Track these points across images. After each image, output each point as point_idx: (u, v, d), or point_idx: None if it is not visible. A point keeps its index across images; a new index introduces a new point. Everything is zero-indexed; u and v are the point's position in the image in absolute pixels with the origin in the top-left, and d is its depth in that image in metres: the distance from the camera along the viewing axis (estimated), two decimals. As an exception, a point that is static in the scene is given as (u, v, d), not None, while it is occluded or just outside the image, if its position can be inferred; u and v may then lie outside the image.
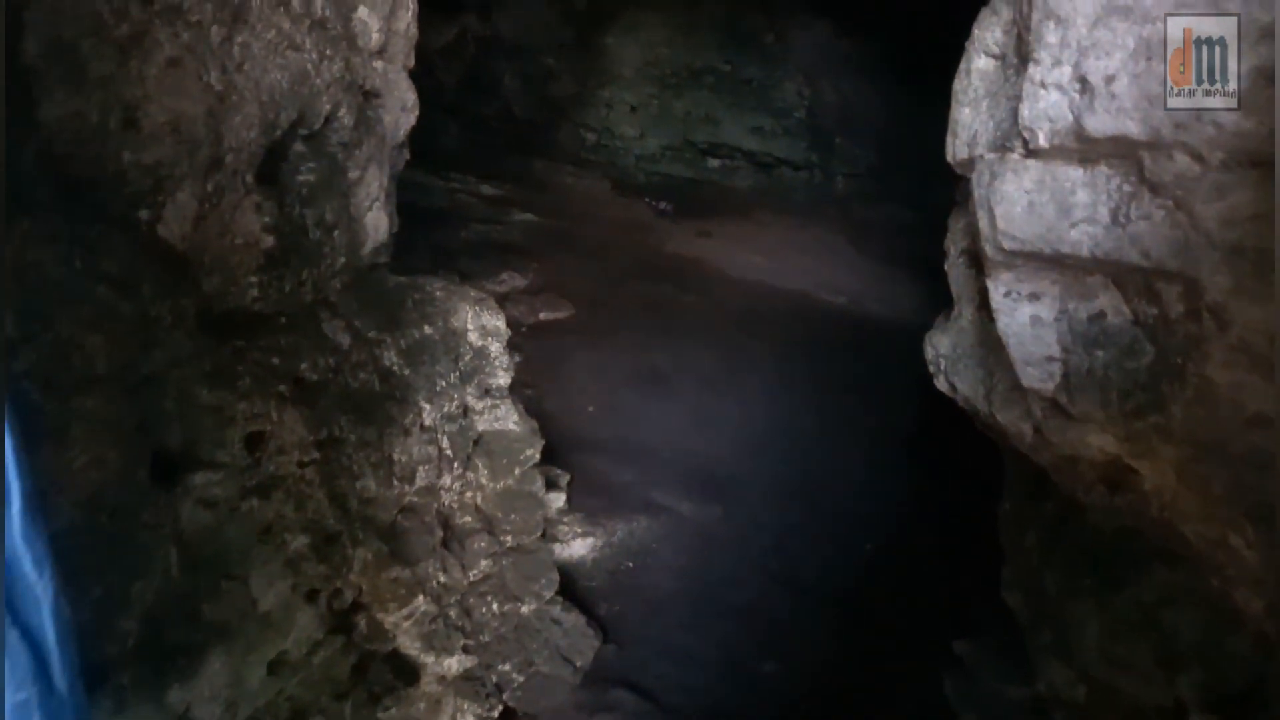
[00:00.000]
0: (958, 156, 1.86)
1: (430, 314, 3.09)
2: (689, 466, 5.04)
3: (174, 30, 1.68)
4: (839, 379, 6.23)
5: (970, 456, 3.51)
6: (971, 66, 1.81)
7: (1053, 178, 1.57)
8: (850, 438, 5.43)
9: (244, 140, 1.96)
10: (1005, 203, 1.65)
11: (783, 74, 9.87)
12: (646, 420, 5.52)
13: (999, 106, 1.71)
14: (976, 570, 3.62)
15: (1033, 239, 1.63)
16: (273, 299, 2.25)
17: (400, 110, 3.18)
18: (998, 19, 1.74)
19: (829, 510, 4.73)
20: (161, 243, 1.81)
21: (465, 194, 9.21)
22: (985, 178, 1.72)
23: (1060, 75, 1.48)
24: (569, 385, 5.76)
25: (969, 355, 2.52)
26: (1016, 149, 1.63)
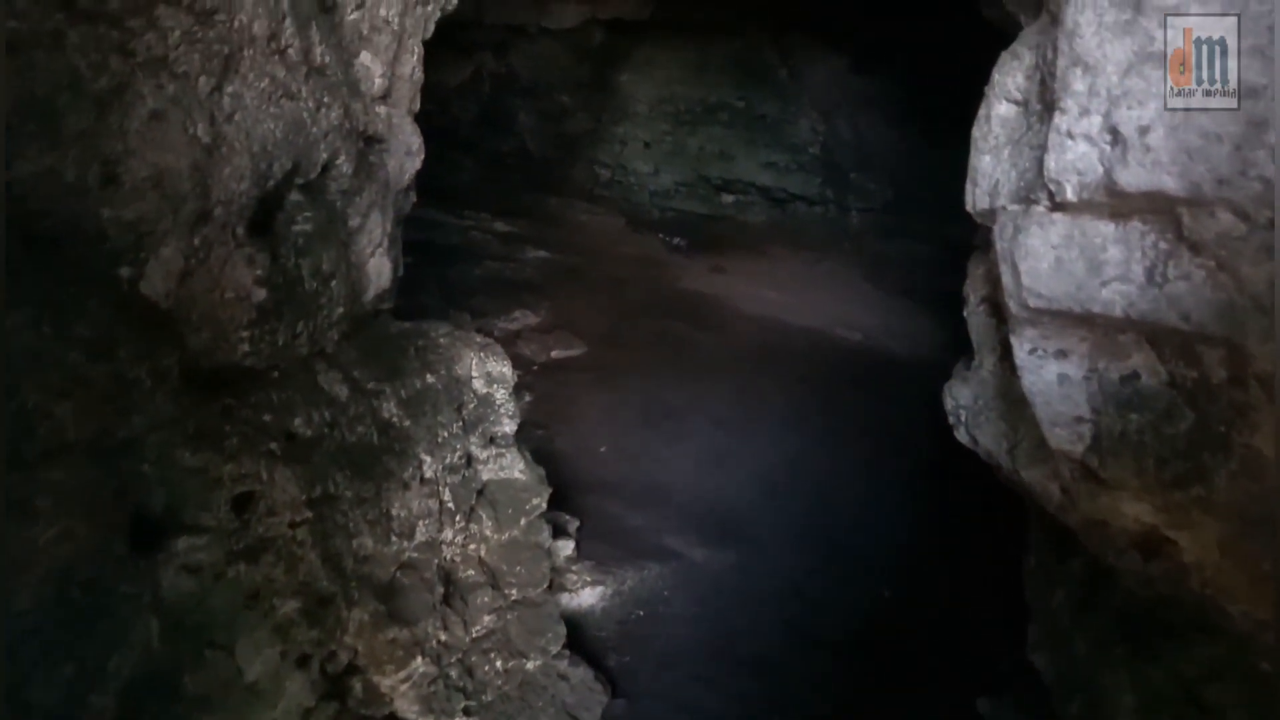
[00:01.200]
0: (978, 206, 1.77)
1: (433, 362, 3.01)
2: (702, 509, 4.91)
3: (158, 82, 1.61)
4: (855, 418, 6.10)
5: (993, 500, 3.39)
6: (992, 113, 1.71)
7: (1081, 233, 1.47)
8: (867, 479, 5.29)
9: (234, 192, 1.90)
10: (1030, 258, 1.55)
11: (797, 110, 9.84)
12: (659, 461, 5.41)
13: (1022, 155, 1.62)
14: (1000, 622, 3.47)
15: (1061, 297, 1.53)
16: (265, 354, 2.17)
17: (405, 155, 3.13)
18: (1019, 64, 1.65)
19: (846, 555, 4.58)
20: (143, 301, 1.73)
21: (479, 231, 9.21)
22: (1008, 230, 1.62)
23: (1089, 125, 1.38)
24: (580, 424, 5.66)
25: (990, 408, 2.41)
26: (1042, 201, 1.53)
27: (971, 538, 4.45)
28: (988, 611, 3.90)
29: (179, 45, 1.66)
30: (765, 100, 9.91)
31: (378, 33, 2.75)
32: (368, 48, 2.71)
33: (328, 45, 2.38)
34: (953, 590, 4.24)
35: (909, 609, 4.20)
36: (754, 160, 10.05)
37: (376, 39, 2.75)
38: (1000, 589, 3.53)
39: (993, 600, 3.77)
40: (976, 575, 4.19)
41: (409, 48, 2.97)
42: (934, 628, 4.03)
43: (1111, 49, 1.34)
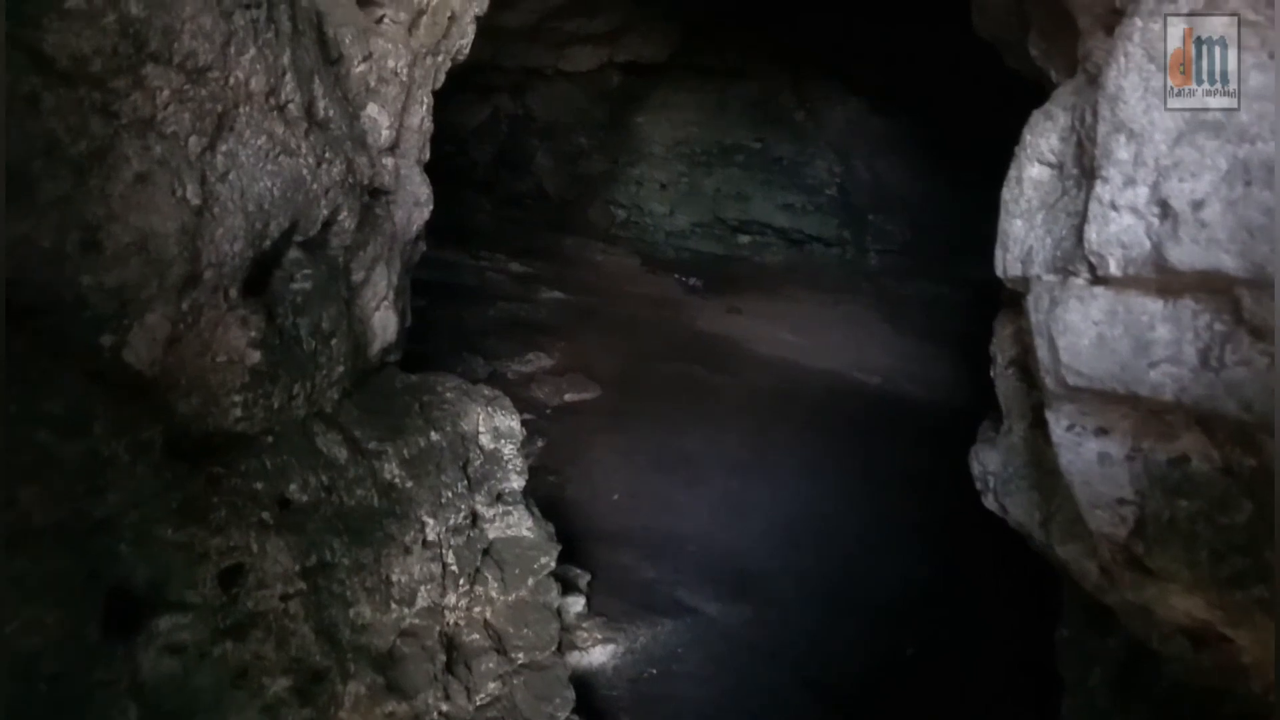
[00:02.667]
0: (1009, 273, 1.66)
1: (438, 418, 2.91)
2: (717, 560, 4.77)
3: (144, 144, 1.54)
4: (874, 466, 5.95)
5: (1021, 556, 3.25)
6: (1024, 174, 1.61)
7: (1126, 309, 1.35)
8: (887, 530, 5.13)
9: (226, 254, 1.82)
10: (1070, 334, 1.43)
11: (814, 151, 9.80)
12: (673, 509, 5.27)
13: (1057, 222, 1.51)
14: (1028, 689, 3.31)
15: (1104, 377, 1.41)
16: (259, 418, 2.07)
17: (413, 205, 3.06)
18: (1053, 125, 1.55)
19: (866, 609, 4.41)
20: (126, 370, 1.65)
21: (494, 272, 9.18)
22: (1044, 302, 1.51)
23: (1135, 197, 1.27)
24: (593, 471, 5.55)
25: (1021, 476, 2.28)
26: (1081, 274, 1.43)
27: (998, 596, 4.28)
28: (1015, 676, 3.73)
29: (168, 105, 1.59)
30: (782, 142, 9.88)
31: (385, 84, 2.70)
32: (375, 100, 2.66)
33: (331, 99, 2.32)
34: (978, 650, 4.08)
35: (932, 669, 4.03)
36: (771, 201, 10.01)
37: (384, 90, 2.69)
38: (1029, 652, 3.37)
39: (1021, 665, 3.61)
40: (1004, 636, 4.03)
41: (418, 98, 2.91)
42: (959, 691, 3.87)
43: (1160, 116, 1.24)
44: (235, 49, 1.77)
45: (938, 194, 9.11)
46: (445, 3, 2.99)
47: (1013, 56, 2.96)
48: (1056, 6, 1.63)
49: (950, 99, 8.28)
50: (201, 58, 1.66)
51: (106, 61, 1.42)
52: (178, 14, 1.58)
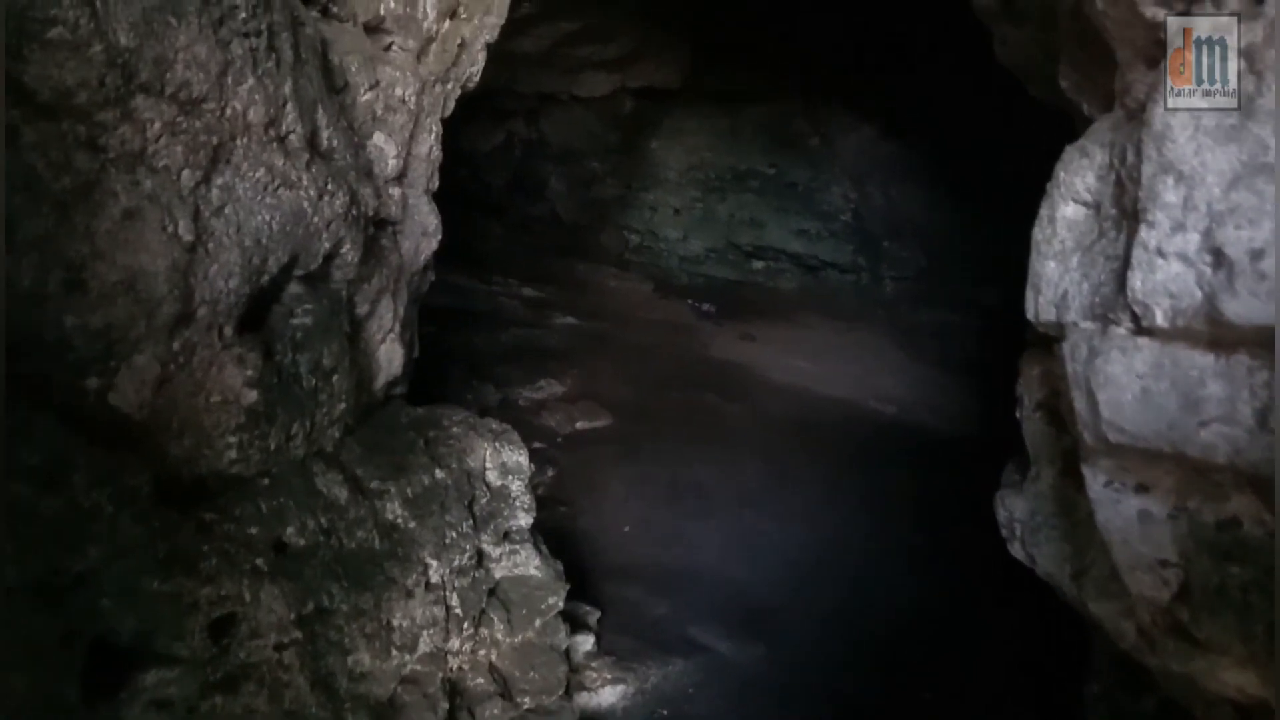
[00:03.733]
0: (1042, 318, 1.56)
1: (443, 455, 2.82)
2: (729, 596, 4.64)
3: (133, 178, 1.47)
4: (891, 497, 5.82)
5: (1047, 598, 3.13)
6: (1057, 214, 1.52)
7: (1174, 363, 1.26)
8: (904, 565, 5.00)
9: (221, 291, 1.74)
10: (1111, 387, 1.34)
11: (828, 177, 9.72)
12: (685, 542, 5.15)
13: (1095, 266, 1.42)
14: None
15: (1148, 435, 1.31)
16: (255, 460, 1.99)
17: (421, 235, 3.00)
18: (1089, 162, 1.46)
19: (883, 649, 4.28)
20: (113, 414, 1.57)
21: (506, 297, 9.13)
22: (1082, 352, 1.41)
23: (1185, 244, 1.18)
24: (604, 501, 5.44)
25: (1051, 525, 2.17)
26: (1123, 323, 1.33)
27: (1022, 638, 4.15)
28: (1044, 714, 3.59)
29: (160, 138, 1.52)
30: (796, 167, 9.81)
31: (393, 113, 2.64)
32: (382, 128, 2.59)
33: (336, 128, 2.25)
34: (1000, 698, 3.94)
35: (954, 711, 3.90)
36: (785, 227, 9.93)
37: (391, 119, 2.63)
38: (1054, 700, 3.25)
39: (1046, 715, 3.47)
40: (1027, 683, 3.89)
41: (426, 126, 2.85)
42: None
43: (1213, 158, 1.15)
44: (233, 79, 1.71)
45: (953, 220, 9.01)
46: (455, 30, 2.94)
47: (1037, 86, 2.88)
48: (1091, 38, 1.55)
49: (966, 125, 8.20)
50: (196, 88, 1.60)
51: (92, 94, 1.36)
52: (171, 43, 1.51)
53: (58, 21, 1.26)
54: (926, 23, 6.91)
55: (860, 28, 7.88)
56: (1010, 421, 2.60)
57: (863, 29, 7.89)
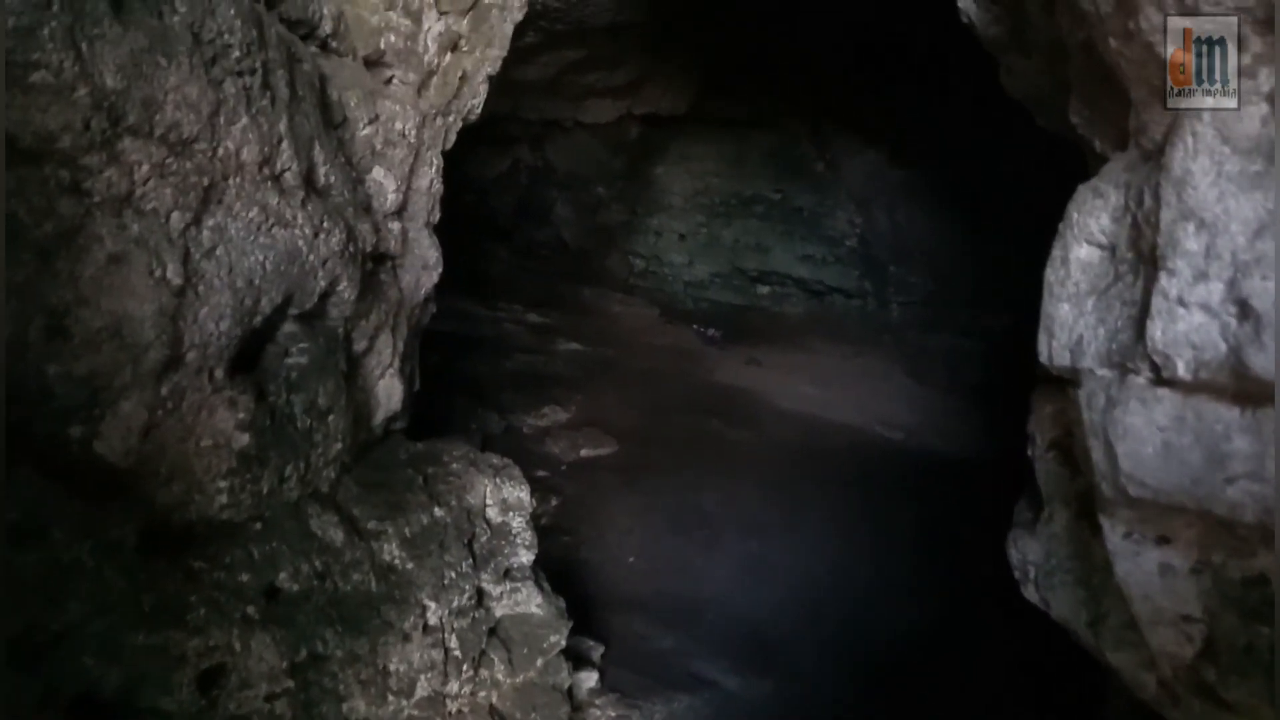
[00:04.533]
0: (1056, 362, 1.51)
1: (442, 493, 2.77)
2: (737, 629, 4.56)
3: (119, 222, 1.43)
4: (900, 525, 5.75)
5: (1058, 632, 3.06)
6: (1070, 255, 1.47)
7: (1197, 416, 1.20)
8: (914, 597, 4.91)
9: (211, 334, 1.70)
10: (1130, 439, 1.28)
11: (834, 202, 9.70)
12: (691, 572, 5.08)
13: (1111, 311, 1.37)
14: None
15: (1171, 489, 1.26)
16: (246, 504, 1.94)
17: (421, 269, 2.96)
18: (1103, 203, 1.41)
19: (893, 685, 4.19)
20: (98, 462, 1.52)
21: (511, 322, 9.11)
22: (1099, 400, 1.36)
23: (1207, 294, 1.13)
24: (609, 531, 5.38)
25: (1065, 570, 2.11)
26: (1142, 372, 1.28)
27: (1036, 673, 4.06)
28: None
29: (148, 180, 1.49)
30: (802, 193, 9.80)
31: (392, 147, 2.61)
32: (381, 163, 2.56)
33: (333, 165, 2.22)
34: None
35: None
36: (790, 253, 9.90)
37: (391, 153, 2.61)
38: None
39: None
40: (1045, 702, 3.80)
41: (427, 160, 2.83)
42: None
43: (1236, 205, 1.10)
44: (225, 118, 1.68)
45: (959, 245, 8.97)
46: (457, 63, 2.92)
47: (1045, 117, 2.84)
48: (1103, 74, 1.51)
49: (972, 150, 8.18)
50: (186, 129, 1.57)
51: (77, 138, 1.32)
52: (160, 84, 1.48)
53: (40, 65, 1.23)
54: (932, 49, 6.89)
55: (866, 54, 7.87)
56: (1018, 447, 2.54)
57: (869, 55, 7.89)
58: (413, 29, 2.68)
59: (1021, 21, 2.48)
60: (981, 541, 4.97)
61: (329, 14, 2.35)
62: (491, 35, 2.98)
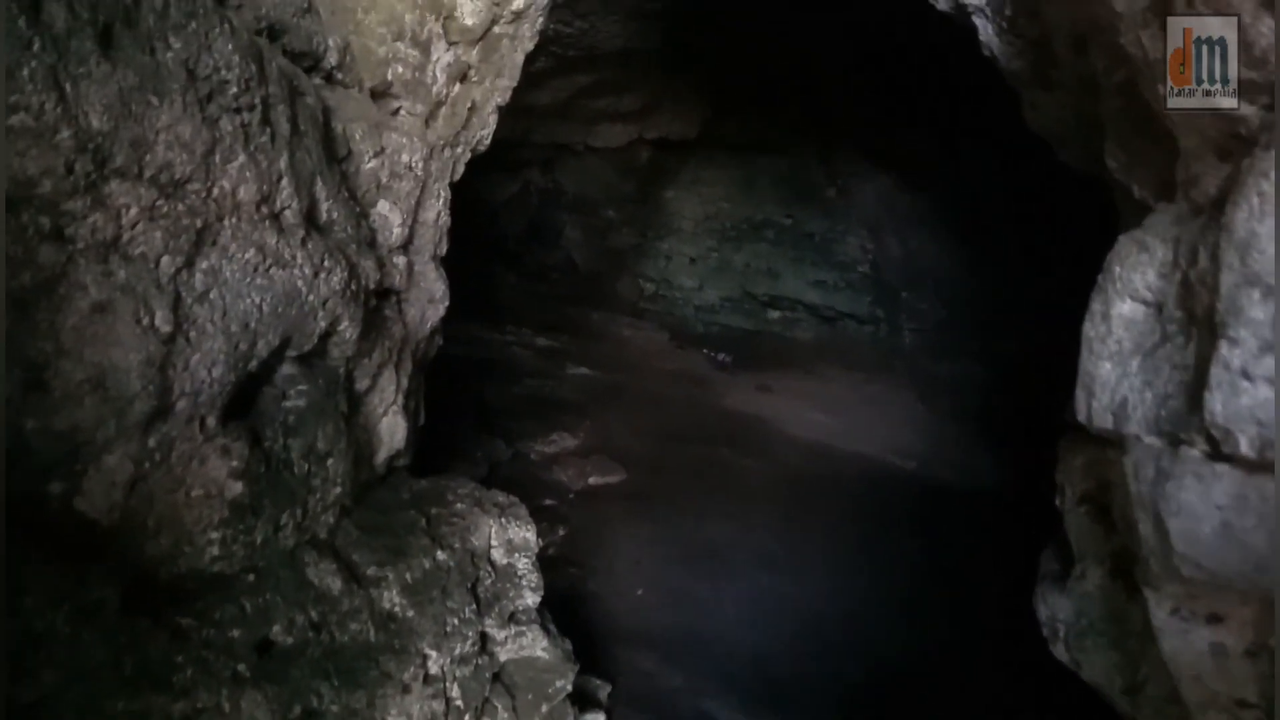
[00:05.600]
0: (1096, 423, 1.42)
1: (445, 535, 2.68)
2: (745, 666, 4.45)
3: (105, 269, 1.35)
4: (912, 559, 5.63)
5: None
6: (1112, 311, 1.38)
7: (1260, 496, 1.11)
8: (926, 633, 4.79)
9: (203, 381, 1.62)
10: (1185, 517, 1.18)
11: (845, 228, 9.64)
12: (700, 606, 4.98)
13: (1159, 374, 1.27)
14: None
15: (1230, 573, 1.16)
16: (239, 556, 1.86)
17: (427, 303, 2.88)
18: (1149, 257, 1.32)
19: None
20: (79, 519, 1.44)
21: (520, 347, 9.05)
22: (1148, 471, 1.26)
23: (1274, 367, 1.04)
24: (616, 562, 5.29)
25: (1099, 632, 2.00)
26: (1197, 444, 1.18)
27: (1052, 715, 3.93)
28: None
29: (136, 224, 1.41)
30: (813, 218, 9.74)
31: (398, 179, 2.54)
32: (386, 196, 2.49)
33: (336, 200, 2.15)
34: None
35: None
36: (801, 278, 9.83)
37: (397, 186, 2.53)
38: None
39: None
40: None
41: (434, 192, 2.75)
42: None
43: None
44: (220, 157, 1.60)
45: (972, 271, 8.89)
46: (466, 93, 2.85)
47: (1069, 152, 2.77)
48: (1145, 119, 1.43)
49: (985, 175, 8.12)
50: (179, 170, 1.49)
51: (59, 182, 1.24)
52: (151, 124, 1.41)
53: (19, 108, 1.16)
54: (946, 76, 6.83)
55: (879, 80, 7.83)
56: (1033, 481, 2.45)
57: (881, 81, 7.85)
58: (421, 60, 2.61)
59: (1046, 57, 2.41)
60: (996, 579, 4.86)
61: (334, 45, 2.28)
62: (502, 65, 2.91)
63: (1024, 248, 8.37)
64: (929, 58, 6.50)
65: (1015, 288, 8.63)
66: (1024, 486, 5.90)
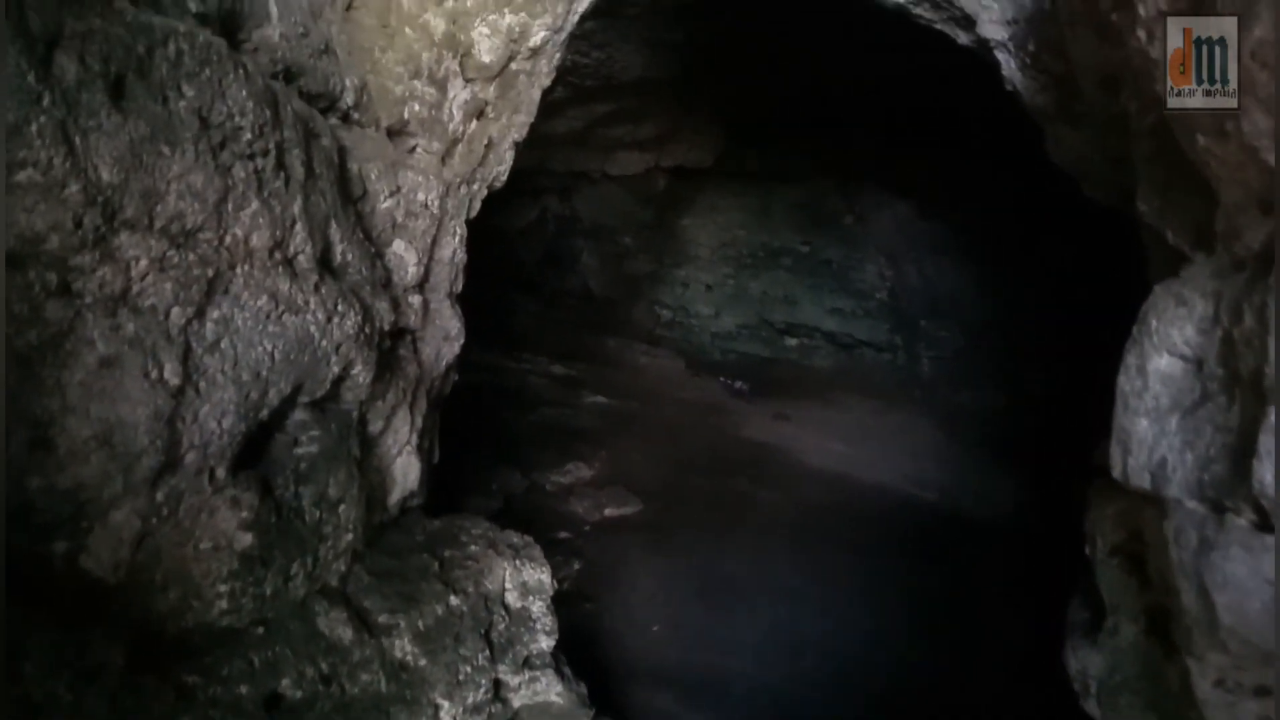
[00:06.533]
0: (1133, 482, 1.36)
1: (459, 579, 2.63)
2: (765, 707, 4.35)
3: (113, 322, 1.33)
4: (933, 593, 5.52)
5: None
6: (1149, 365, 1.32)
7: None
8: (950, 671, 4.68)
9: (213, 432, 1.59)
10: (1232, 590, 1.13)
11: (863, 255, 9.59)
12: (718, 643, 4.88)
13: (1201, 436, 1.22)
14: None
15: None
16: (248, 609, 1.82)
17: (442, 340, 2.85)
18: (1188, 311, 1.27)
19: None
20: (84, 578, 1.41)
21: (536, 375, 9.02)
22: (1190, 538, 1.20)
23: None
24: (633, 597, 5.20)
25: (1133, 690, 1.92)
26: (1244, 513, 1.13)
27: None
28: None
29: (146, 276, 1.39)
30: (830, 245, 9.70)
31: (414, 218, 2.52)
32: (402, 235, 2.47)
33: (350, 242, 2.13)
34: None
35: None
36: (819, 305, 9.77)
37: (412, 225, 2.51)
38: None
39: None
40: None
41: (450, 229, 2.73)
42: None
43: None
44: (233, 205, 1.58)
45: (991, 299, 8.82)
46: (483, 130, 2.84)
47: (1092, 188, 2.72)
48: (1179, 164, 1.38)
49: (1003, 203, 8.07)
50: (190, 219, 1.47)
51: (67, 237, 1.22)
52: (162, 174, 1.39)
53: (27, 164, 1.14)
54: (965, 102, 6.81)
55: (896, 108, 7.81)
56: (1054, 513, 2.38)
57: (899, 109, 7.83)
58: (438, 97, 2.60)
59: (1071, 93, 2.37)
60: (1021, 615, 4.75)
61: (351, 85, 2.27)
62: (519, 101, 2.90)
63: (1044, 275, 8.30)
64: (949, 86, 6.49)
65: (1036, 315, 8.55)
66: (1048, 519, 5.80)
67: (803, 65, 6.79)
